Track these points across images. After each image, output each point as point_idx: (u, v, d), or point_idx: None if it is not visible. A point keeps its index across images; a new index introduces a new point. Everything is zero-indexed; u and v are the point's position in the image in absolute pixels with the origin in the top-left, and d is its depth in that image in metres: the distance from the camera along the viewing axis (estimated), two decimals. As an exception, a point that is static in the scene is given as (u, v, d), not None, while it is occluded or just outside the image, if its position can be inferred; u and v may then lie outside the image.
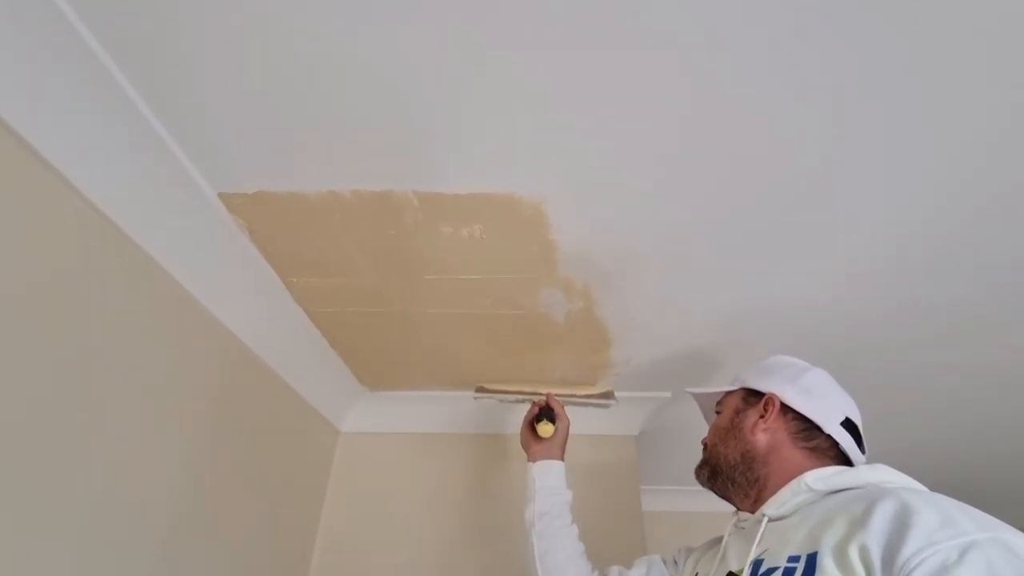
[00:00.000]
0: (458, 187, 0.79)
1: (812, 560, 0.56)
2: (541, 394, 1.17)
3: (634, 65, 0.61)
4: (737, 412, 0.82)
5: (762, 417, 0.77)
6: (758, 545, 0.67)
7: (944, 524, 0.51)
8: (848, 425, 0.75)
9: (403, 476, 1.40)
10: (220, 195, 0.81)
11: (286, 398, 1.20)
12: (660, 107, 0.66)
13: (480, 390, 1.25)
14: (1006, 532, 0.50)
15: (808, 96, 0.64)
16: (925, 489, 0.62)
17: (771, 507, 0.69)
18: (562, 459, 1.05)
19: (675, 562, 0.90)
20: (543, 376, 1.32)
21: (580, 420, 1.31)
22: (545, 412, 1.08)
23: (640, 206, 0.82)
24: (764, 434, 0.76)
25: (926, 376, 1.30)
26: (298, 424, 1.26)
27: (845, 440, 0.73)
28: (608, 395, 1.23)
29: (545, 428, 1.05)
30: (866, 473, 0.67)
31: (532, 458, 1.04)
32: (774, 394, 0.78)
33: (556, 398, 1.13)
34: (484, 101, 0.66)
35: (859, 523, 0.55)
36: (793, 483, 0.68)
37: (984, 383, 1.33)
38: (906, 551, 0.49)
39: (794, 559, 0.59)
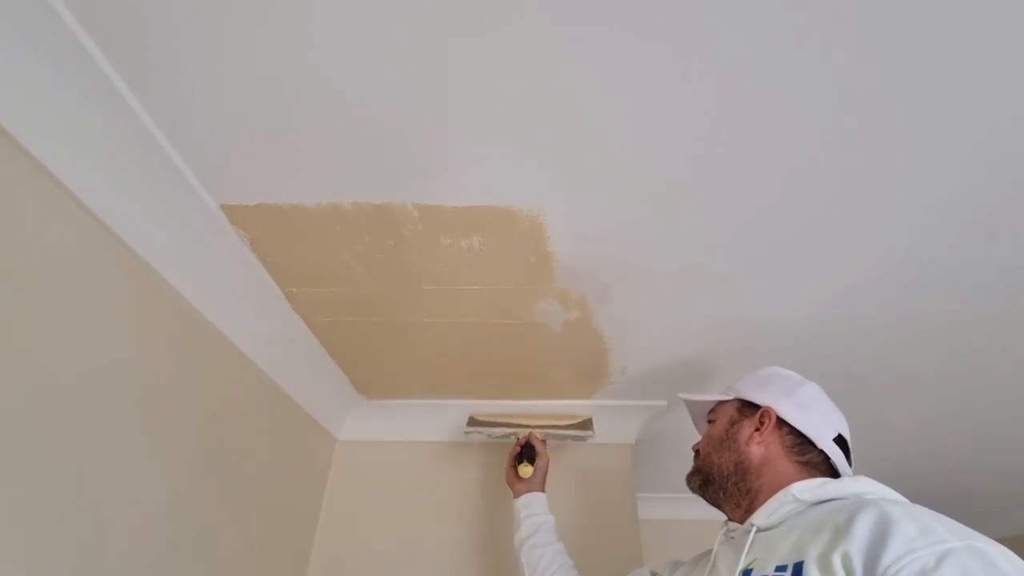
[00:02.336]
0: (457, 199, 0.81)
1: (798, 570, 0.58)
2: (525, 427, 1.26)
3: (634, 73, 0.61)
4: (732, 423, 0.83)
5: (757, 430, 0.79)
6: (747, 555, 0.68)
7: (922, 533, 0.53)
8: (839, 440, 0.77)
9: (401, 484, 1.40)
10: (222, 206, 0.82)
11: (284, 407, 1.20)
12: (660, 117, 0.67)
13: (472, 423, 1.31)
14: (980, 541, 0.53)
15: (809, 105, 0.65)
16: (904, 500, 0.65)
17: (759, 517, 0.70)
18: (543, 490, 1.14)
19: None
20: (539, 385, 1.33)
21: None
22: (526, 452, 1.17)
23: (637, 216, 0.83)
24: (759, 447, 0.78)
25: (919, 387, 1.31)
26: (295, 433, 1.26)
27: (836, 455, 0.75)
28: (587, 425, 1.30)
29: (525, 470, 1.14)
30: (850, 484, 0.69)
31: (516, 495, 1.14)
32: (770, 407, 0.80)
33: (537, 434, 1.23)
34: (483, 112, 0.67)
35: (842, 532, 0.57)
36: (780, 494, 0.70)
37: (976, 394, 1.34)
38: (887, 558, 0.52)
39: (781, 568, 0.60)
